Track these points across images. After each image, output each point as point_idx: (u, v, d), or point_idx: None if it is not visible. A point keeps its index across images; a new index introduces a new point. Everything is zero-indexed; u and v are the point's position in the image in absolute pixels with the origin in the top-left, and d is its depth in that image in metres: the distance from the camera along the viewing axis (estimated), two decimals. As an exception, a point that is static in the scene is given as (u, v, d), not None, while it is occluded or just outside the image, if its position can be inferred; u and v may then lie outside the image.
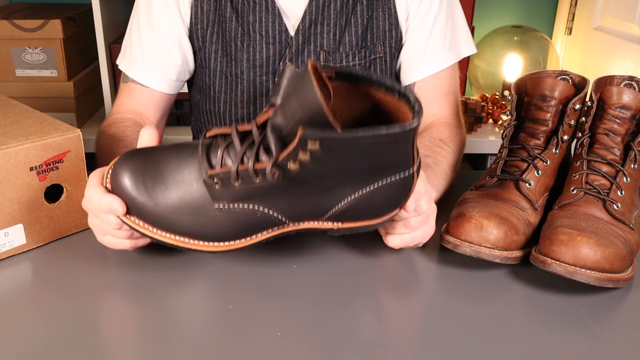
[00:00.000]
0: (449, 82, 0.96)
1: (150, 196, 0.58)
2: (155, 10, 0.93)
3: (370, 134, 0.51)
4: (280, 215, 0.59)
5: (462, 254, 0.66)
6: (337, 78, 0.56)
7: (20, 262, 0.68)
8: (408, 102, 0.54)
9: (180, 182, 0.58)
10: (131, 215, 0.59)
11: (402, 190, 0.60)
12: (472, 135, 1.69)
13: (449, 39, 0.95)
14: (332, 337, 0.56)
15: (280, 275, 0.66)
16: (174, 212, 0.58)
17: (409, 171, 0.58)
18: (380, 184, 0.57)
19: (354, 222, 0.61)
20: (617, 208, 0.67)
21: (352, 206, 0.58)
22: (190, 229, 0.59)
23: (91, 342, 0.55)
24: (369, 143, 0.52)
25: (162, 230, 0.59)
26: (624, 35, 1.56)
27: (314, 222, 0.60)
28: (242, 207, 0.58)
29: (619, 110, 0.72)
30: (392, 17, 0.94)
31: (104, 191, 0.60)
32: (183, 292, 0.63)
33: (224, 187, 0.57)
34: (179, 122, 1.66)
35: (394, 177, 0.57)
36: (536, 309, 0.62)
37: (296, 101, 0.51)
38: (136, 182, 0.58)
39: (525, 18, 1.95)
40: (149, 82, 0.94)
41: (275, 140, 0.54)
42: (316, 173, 0.54)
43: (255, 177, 0.55)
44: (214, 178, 0.57)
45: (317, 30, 0.92)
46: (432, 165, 0.81)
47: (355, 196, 0.58)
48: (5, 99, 0.82)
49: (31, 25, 1.53)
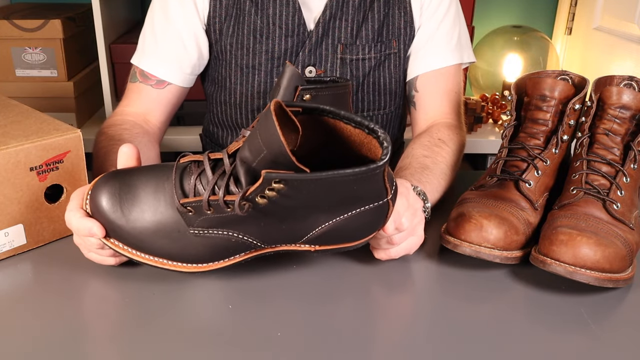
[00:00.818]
0: (452, 80, 0.97)
1: (127, 220, 0.59)
2: (171, 4, 0.94)
3: (335, 175, 0.51)
4: (256, 241, 0.59)
5: (462, 254, 0.66)
6: (304, 112, 0.56)
7: (20, 262, 0.68)
8: (377, 137, 0.54)
9: (156, 206, 0.59)
10: (110, 237, 0.60)
11: (378, 217, 0.60)
12: (472, 135, 1.69)
13: (455, 40, 0.98)
14: (332, 337, 0.56)
15: (280, 275, 0.66)
16: (151, 235, 0.59)
17: (383, 200, 0.58)
18: (353, 212, 0.57)
19: (330, 245, 0.61)
20: (617, 208, 0.67)
21: (327, 232, 0.59)
22: (168, 252, 0.60)
23: (91, 342, 0.55)
24: (335, 182, 0.52)
25: (141, 252, 0.60)
26: (624, 35, 1.56)
27: (291, 245, 0.61)
28: (216, 233, 0.58)
29: (619, 110, 0.72)
30: (408, 15, 0.96)
31: (83, 214, 0.61)
32: (183, 293, 0.63)
33: (197, 215, 0.58)
34: (179, 122, 1.66)
35: (368, 206, 0.58)
36: (536, 309, 0.62)
37: (260, 140, 0.51)
38: (113, 206, 0.59)
39: (525, 18, 1.95)
40: (162, 73, 0.94)
41: (244, 172, 0.54)
42: (286, 206, 0.55)
43: (227, 208, 0.56)
44: (187, 207, 0.57)
45: (336, 25, 0.94)
46: (431, 165, 0.81)
47: (329, 224, 0.58)
48: (5, 99, 0.82)
49: (31, 25, 1.53)
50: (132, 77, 0.96)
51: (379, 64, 0.97)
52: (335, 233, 0.59)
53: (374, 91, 0.99)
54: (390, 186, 0.58)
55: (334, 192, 0.54)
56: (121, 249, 0.60)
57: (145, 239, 0.59)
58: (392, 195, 0.59)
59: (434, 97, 0.96)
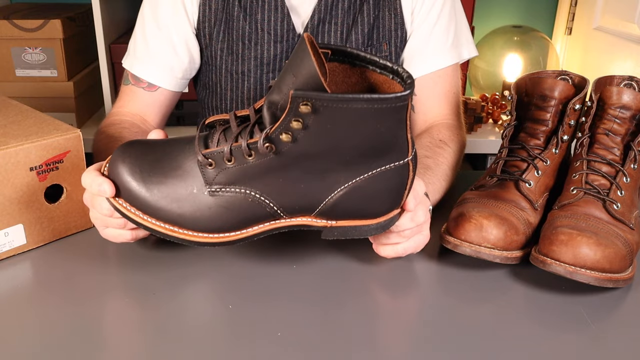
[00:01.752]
0: (450, 81, 0.96)
1: (145, 182, 0.58)
2: (161, 9, 0.93)
3: (362, 97, 0.51)
4: (272, 203, 0.58)
5: (462, 254, 0.66)
6: (333, 59, 0.56)
7: (20, 262, 0.68)
8: (401, 78, 0.54)
9: (176, 168, 0.58)
10: (123, 200, 0.59)
11: (398, 185, 0.58)
12: (472, 135, 1.69)
13: (451, 38, 0.96)
14: (332, 337, 0.56)
15: (280, 275, 0.66)
16: (165, 197, 0.58)
17: (404, 160, 0.57)
18: (373, 172, 0.56)
19: (348, 221, 0.60)
20: (617, 208, 0.67)
21: (346, 198, 0.57)
22: (181, 216, 0.58)
23: (91, 343, 0.55)
24: (361, 111, 0.51)
25: (152, 218, 0.59)
26: (624, 35, 1.56)
27: (307, 218, 0.59)
28: (234, 190, 0.57)
29: (619, 110, 0.72)
30: (398, 17, 0.95)
31: (97, 174, 0.60)
32: (183, 293, 0.63)
33: (217, 168, 0.57)
34: (178, 122, 1.66)
35: (388, 165, 0.56)
36: (536, 309, 0.62)
37: (291, 71, 0.51)
38: (132, 168, 0.58)
39: (525, 18, 1.95)
40: (154, 78, 0.94)
41: (270, 116, 0.54)
42: (308, 149, 0.54)
43: (249, 155, 0.55)
44: (208, 158, 0.57)
45: (325, 29, 0.93)
46: (433, 166, 0.81)
47: (348, 185, 0.57)
48: (5, 99, 0.82)
49: (31, 25, 1.53)
50: (125, 79, 0.96)
51: None
52: (353, 201, 0.57)
53: None
54: (412, 145, 0.57)
55: (357, 130, 0.53)
56: (131, 213, 0.59)
57: (159, 200, 0.58)
58: (412, 157, 0.58)
59: (432, 100, 0.96)
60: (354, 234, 0.60)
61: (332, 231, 0.60)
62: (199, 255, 0.69)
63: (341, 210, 0.59)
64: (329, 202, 0.58)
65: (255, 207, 0.58)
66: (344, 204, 0.58)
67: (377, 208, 0.59)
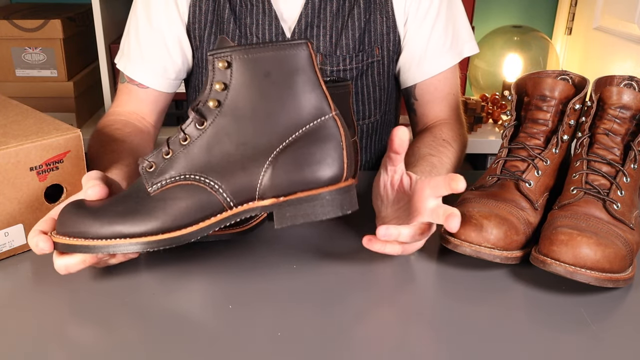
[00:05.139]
0: (449, 83, 0.96)
1: (92, 212, 0.59)
2: (154, 9, 0.93)
3: (265, 43, 0.56)
4: (214, 183, 0.57)
5: (462, 254, 0.66)
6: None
7: (20, 262, 0.68)
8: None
9: (119, 196, 0.61)
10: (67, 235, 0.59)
11: (328, 142, 0.57)
12: (472, 135, 1.69)
13: (449, 39, 0.95)
14: (332, 337, 0.56)
15: (280, 275, 0.66)
16: (111, 210, 0.58)
17: (327, 115, 0.57)
18: (299, 134, 0.57)
19: (296, 194, 0.57)
20: (617, 208, 0.67)
21: (282, 165, 0.56)
22: (122, 214, 0.58)
23: (91, 342, 0.55)
24: (268, 59, 0.56)
25: (99, 238, 0.58)
26: (624, 35, 1.56)
27: (254, 201, 0.58)
28: (175, 179, 0.58)
29: (619, 110, 0.72)
30: (390, 20, 0.93)
31: (37, 233, 0.60)
32: (183, 293, 0.63)
33: (157, 166, 0.59)
34: (178, 122, 1.66)
35: (311, 123, 0.57)
36: (536, 309, 0.62)
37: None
38: (77, 208, 0.60)
39: (525, 18, 1.95)
40: (148, 81, 0.94)
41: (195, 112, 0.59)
42: (234, 111, 0.57)
43: (184, 140, 0.58)
44: (147, 162, 0.59)
45: (314, 33, 0.92)
46: (438, 165, 0.81)
47: (279, 149, 0.57)
48: (5, 99, 0.82)
49: (31, 25, 1.53)
50: (121, 77, 0.97)
51: (361, 73, 0.94)
52: (290, 167, 0.56)
53: (356, 101, 0.96)
54: (332, 103, 0.58)
55: (271, 82, 0.56)
56: (71, 240, 0.58)
57: (106, 214, 0.58)
58: (336, 113, 0.58)
59: (433, 104, 0.95)
60: (305, 210, 0.57)
61: (282, 212, 0.57)
62: (199, 256, 0.69)
63: (284, 181, 0.57)
64: (268, 172, 0.57)
65: (199, 193, 0.58)
66: (282, 172, 0.57)
67: (318, 172, 0.57)
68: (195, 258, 0.68)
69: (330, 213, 0.57)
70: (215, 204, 0.58)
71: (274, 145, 0.57)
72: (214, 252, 0.69)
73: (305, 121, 0.57)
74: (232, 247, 0.70)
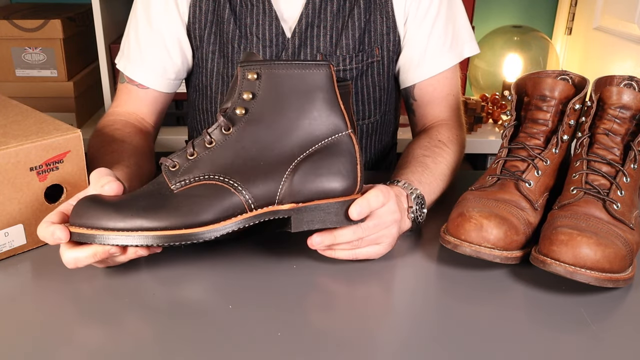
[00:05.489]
0: (449, 83, 0.96)
1: (112, 204, 0.60)
2: (154, 9, 0.93)
3: (293, 60, 0.62)
4: (237, 184, 0.60)
5: (462, 254, 0.66)
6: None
7: (20, 262, 0.68)
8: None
9: (143, 191, 0.61)
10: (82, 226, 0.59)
11: (344, 157, 0.62)
12: (472, 135, 1.69)
13: (449, 39, 0.94)
14: (332, 337, 0.56)
15: (280, 275, 0.66)
16: (131, 203, 0.59)
17: (344, 132, 0.62)
18: (318, 146, 0.61)
19: (312, 201, 0.61)
20: (617, 208, 0.67)
21: (302, 174, 0.61)
22: (145, 208, 0.59)
23: (91, 342, 0.55)
24: (295, 76, 0.61)
25: (120, 231, 0.58)
26: (624, 35, 1.56)
27: (273, 205, 0.61)
28: (198, 178, 0.60)
29: (619, 110, 0.72)
30: (390, 20, 0.93)
31: (48, 224, 0.60)
32: (183, 293, 0.63)
33: (180, 166, 0.61)
34: (178, 122, 1.66)
35: (329, 138, 0.62)
36: (536, 309, 0.62)
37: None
38: (95, 201, 0.60)
39: (525, 18, 1.95)
40: (148, 81, 0.94)
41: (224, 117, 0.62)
42: (259, 117, 0.61)
43: (209, 143, 0.60)
44: (171, 161, 0.61)
45: (314, 33, 0.92)
46: (432, 166, 0.81)
47: (300, 158, 0.61)
48: (5, 99, 0.82)
49: (31, 25, 1.53)
50: (121, 77, 0.97)
51: (361, 73, 0.94)
52: (309, 176, 0.61)
53: (356, 101, 0.96)
54: (349, 120, 0.63)
55: (296, 96, 0.61)
56: (89, 230, 0.58)
57: (129, 208, 0.58)
58: (352, 131, 0.63)
59: (432, 104, 0.95)
60: (320, 216, 0.62)
61: (300, 217, 0.62)
62: (199, 256, 0.69)
63: (303, 188, 0.61)
64: (289, 179, 0.61)
65: (222, 192, 0.60)
66: (302, 180, 0.61)
67: (334, 183, 0.62)
68: (196, 258, 0.68)
69: (344, 222, 0.63)
70: (238, 204, 0.60)
71: (295, 154, 0.61)
72: (214, 252, 0.69)
73: (323, 135, 0.62)
74: (232, 247, 0.70)
